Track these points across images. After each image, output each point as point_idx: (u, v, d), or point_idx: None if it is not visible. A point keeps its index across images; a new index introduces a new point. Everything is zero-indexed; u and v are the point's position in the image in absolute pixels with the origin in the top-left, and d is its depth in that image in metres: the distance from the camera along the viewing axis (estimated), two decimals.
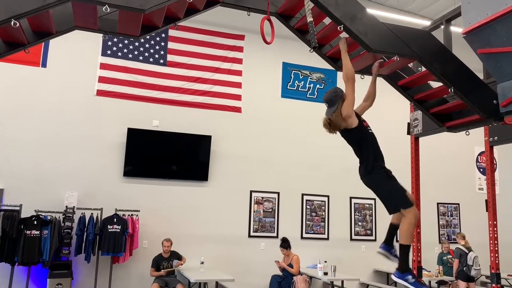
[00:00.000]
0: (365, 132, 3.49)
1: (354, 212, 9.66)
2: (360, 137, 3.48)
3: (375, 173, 3.39)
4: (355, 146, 3.55)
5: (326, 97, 3.52)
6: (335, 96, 3.46)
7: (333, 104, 3.44)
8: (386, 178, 3.37)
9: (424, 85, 4.30)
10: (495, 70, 3.78)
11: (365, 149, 3.46)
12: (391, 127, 9.81)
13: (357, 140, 3.50)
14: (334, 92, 3.49)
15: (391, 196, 3.36)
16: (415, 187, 4.94)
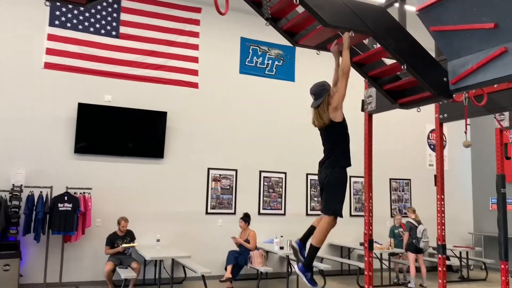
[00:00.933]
0: (346, 129, 3.62)
1: (310, 188, 9.81)
2: (340, 132, 3.58)
3: (338, 171, 3.50)
4: (331, 140, 3.60)
5: (314, 90, 3.61)
6: (322, 89, 3.57)
7: (320, 97, 3.55)
8: (343, 182, 3.52)
9: (378, 62, 4.31)
10: (446, 48, 3.84)
11: (340, 145, 3.56)
12: (346, 103, 9.95)
13: (337, 134, 3.57)
14: (322, 86, 3.59)
15: (336, 201, 3.46)
16: (367, 162, 5.03)
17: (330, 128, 3.55)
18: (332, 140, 3.58)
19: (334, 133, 3.57)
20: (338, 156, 3.52)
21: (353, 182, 10.14)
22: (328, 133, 3.60)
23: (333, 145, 3.56)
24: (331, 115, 3.51)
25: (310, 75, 9.90)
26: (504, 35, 3.35)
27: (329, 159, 3.54)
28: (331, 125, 3.53)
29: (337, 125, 3.54)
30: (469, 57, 3.68)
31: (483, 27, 3.42)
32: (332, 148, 3.56)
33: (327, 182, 3.50)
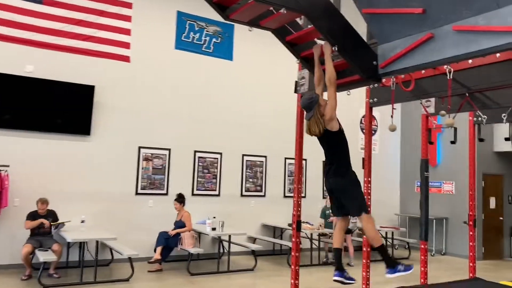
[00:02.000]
0: (344, 135, 3.71)
1: (245, 169, 9.76)
2: (340, 140, 3.68)
3: (348, 177, 3.64)
4: (332, 148, 3.69)
5: (304, 104, 3.69)
6: (311, 102, 3.63)
7: (310, 109, 3.62)
8: (356, 182, 3.66)
9: (311, 42, 4.24)
10: (377, 31, 3.83)
11: (342, 153, 3.67)
12: (281, 84, 9.95)
13: (337, 142, 3.68)
14: (310, 98, 3.65)
15: (359, 200, 3.63)
16: (298, 145, 4.99)
17: (329, 137, 3.65)
18: (334, 149, 3.69)
19: (334, 142, 3.68)
20: (342, 162, 3.65)
21: (288, 164, 10.22)
22: (329, 142, 3.70)
23: (336, 153, 3.67)
24: (328, 126, 3.60)
25: (249, 54, 9.84)
26: (431, 20, 3.37)
27: (335, 167, 3.64)
28: (330, 134, 3.63)
29: (335, 134, 3.64)
30: (398, 41, 3.69)
31: (412, 11, 3.43)
32: (335, 156, 3.67)
33: (343, 189, 3.62)
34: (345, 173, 3.64)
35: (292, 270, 4.83)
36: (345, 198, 3.64)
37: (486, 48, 3.07)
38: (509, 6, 2.91)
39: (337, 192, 3.69)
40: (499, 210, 10.52)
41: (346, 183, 3.62)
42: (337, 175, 3.64)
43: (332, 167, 3.67)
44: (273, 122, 9.88)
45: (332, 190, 3.73)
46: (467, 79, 4.30)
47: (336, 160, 3.66)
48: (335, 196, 3.73)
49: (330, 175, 3.68)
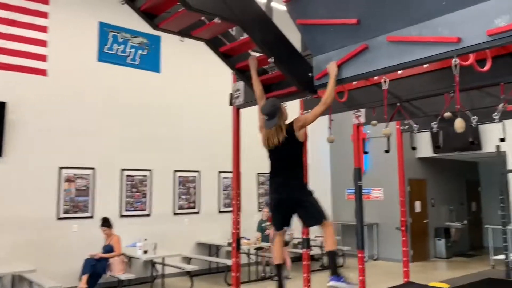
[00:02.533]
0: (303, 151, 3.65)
1: (178, 185, 9.39)
2: (301, 152, 3.59)
3: (305, 188, 3.60)
4: (291, 159, 3.54)
5: (267, 109, 3.54)
6: (275, 108, 3.52)
7: (274, 116, 3.50)
8: (311, 192, 3.57)
9: (246, 54, 4.11)
10: (312, 42, 3.79)
11: (300, 165, 3.58)
12: (213, 96, 9.75)
13: (298, 153, 3.56)
14: (274, 105, 3.53)
15: (319, 208, 3.51)
16: (235, 159, 4.82)
17: (291, 147, 3.51)
18: (293, 159, 3.54)
19: (296, 152, 3.55)
20: (300, 174, 3.58)
21: (222, 178, 10.00)
22: (288, 152, 3.52)
23: (295, 164, 3.54)
24: (296, 132, 3.49)
25: (178, 66, 9.53)
26: (365, 31, 3.37)
27: (292, 179, 3.50)
28: (294, 144, 3.51)
29: (300, 144, 3.55)
30: (333, 52, 3.66)
31: (346, 22, 3.41)
32: (293, 167, 3.53)
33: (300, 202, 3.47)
34: (303, 186, 3.61)
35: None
36: (303, 210, 3.49)
37: (419, 58, 3.11)
38: (439, 17, 2.97)
39: (291, 206, 3.50)
40: (424, 213, 11.09)
41: (304, 195, 3.51)
42: (294, 188, 3.49)
43: (289, 180, 3.48)
44: (205, 135, 9.63)
45: (282, 204, 3.52)
46: (398, 89, 4.39)
47: (293, 172, 3.50)
48: (283, 210, 3.54)
49: (284, 188, 3.47)
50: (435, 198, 11.53)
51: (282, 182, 3.48)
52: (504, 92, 4.14)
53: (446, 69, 3.97)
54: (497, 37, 2.69)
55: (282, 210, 3.56)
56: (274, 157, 3.59)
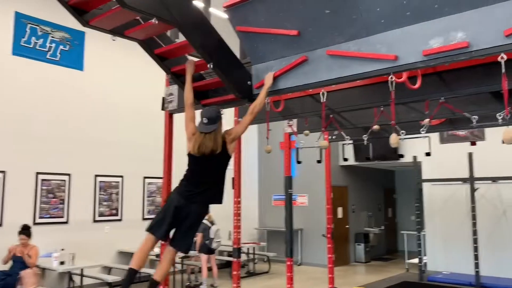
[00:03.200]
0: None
1: (99, 191, 8.86)
2: (226, 166, 3.41)
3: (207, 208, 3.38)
4: (216, 173, 3.35)
5: (210, 113, 3.34)
6: (218, 115, 3.36)
7: (215, 122, 3.31)
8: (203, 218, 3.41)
9: (182, 57, 3.95)
10: (251, 50, 3.73)
11: (223, 181, 3.39)
12: (140, 99, 9.39)
13: (223, 168, 3.38)
14: (218, 112, 3.40)
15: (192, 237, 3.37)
16: (167, 163, 4.62)
17: (221, 159, 3.33)
18: (217, 174, 3.35)
19: (222, 166, 3.36)
20: (219, 194, 3.36)
21: (147, 183, 9.61)
22: (214, 165, 3.33)
23: (217, 179, 3.35)
24: (228, 145, 3.33)
25: (104, 66, 9.03)
26: (306, 43, 3.38)
27: (207, 194, 3.29)
28: (224, 157, 3.33)
29: (228, 159, 3.37)
30: (273, 62, 3.63)
31: (287, 33, 3.40)
32: (214, 183, 3.33)
33: (194, 218, 3.26)
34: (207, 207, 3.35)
35: None
36: (190, 227, 3.24)
37: (357, 73, 3.17)
38: (377, 34, 3.06)
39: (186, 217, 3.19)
40: (345, 219, 11.54)
41: (203, 213, 3.33)
42: (207, 202, 3.32)
43: (208, 191, 3.29)
44: (130, 139, 9.21)
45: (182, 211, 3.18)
46: (331, 101, 4.46)
47: (215, 185, 3.33)
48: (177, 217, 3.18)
49: (198, 198, 3.23)
50: (355, 204, 12.05)
51: (199, 192, 3.23)
52: (428, 108, 4.40)
53: (377, 84, 4.13)
54: (431, 57, 2.81)
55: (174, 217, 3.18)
56: (199, 165, 3.31)
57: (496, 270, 8.48)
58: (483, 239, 8.43)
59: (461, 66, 3.51)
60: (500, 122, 3.91)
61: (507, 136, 2.73)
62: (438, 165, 8.94)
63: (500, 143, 4.77)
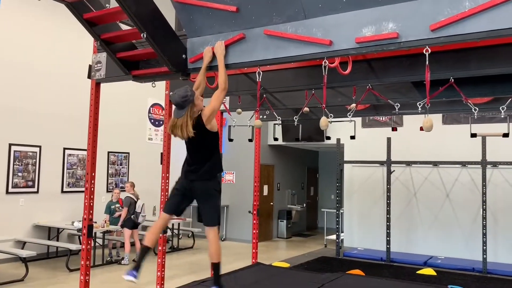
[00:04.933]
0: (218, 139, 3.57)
1: (13, 161, 8.25)
2: (215, 142, 3.51)
3: (215, 181, 3.48)
4: (205, 149, 3.45)
5: (176, 101, 3.32)
6: (185, 100, 3.29)
7: (183, 108, 3.30)
8: (219, 191, 3.50)
9: (113, 24, 3.76)
10: (188, 23, 3.64)
11: (214, 156, 3.49)
12: (62, 63, 8.84)
13: (211, 143, 3.48)
14: (185, 96, 3.30)
15: (216, 211, 3.46)
16: (92, 138, 4.41)
17: (203, 138, 3.38)
18: (207, 150, 3.46)
19: (209, 142, 3.46)
20: (215, 165, 3.50)
21: (67, 155, 9.12)
22: (201, 143, 3.42)
23: (209, 154, 3.47)
24: (207, 126, 3.37)
25: (22, 22, 8.29)
26: (244, 21, 3.37)
27: (204, 168, 3.41)
28: (205, 134, 3.38)
29: (212, 135, 3.44)
30: (210, 37, 3.59)
31: (226, 8, 3.35)
32: (207, 158, 3.45)
33: (206, 194, 3.42)
34: (214, 177, 3.49)
35: (82, 281, 4.25)
36: (204, 203, 3.44)
37: (294, 55, 3.23)
38: (314, 18, 3.12)
39: (196, 195, 3.46)
40: (270, 196, 11.85)
41: (211, 188, 3.44)
42: (204, 177, 3.42)
43: (201, 168, 3.42)
44: (49, 106, 8.63)
45: (185, 189, 3.47)
46: (265, 81, 4.50)
47: (207, 162, 3.43)
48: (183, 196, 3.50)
49: (194, 176, 3.43)
50: (280, 182, 12.40)
51: (191, 170, 3.43)
52: (355, 94, 4.60)
53: (309, 67, 4.24)
54: (363, 45, 2.93)
55: (182, 195, 3.50)
56: (189, 146, 3.50)
57: (405, 247, 9.25)
58: (394, 218, 9.12)
59: (388, 55, 3.70)
60: (419, 111, 4.20)
61: (427, 124, 2.95)
62: (359, 148, 9.44)
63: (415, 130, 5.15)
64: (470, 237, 8.61)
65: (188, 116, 3.29)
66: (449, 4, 2.63)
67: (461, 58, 3.48)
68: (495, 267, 7.85)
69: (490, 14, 2.52)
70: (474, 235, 8.43)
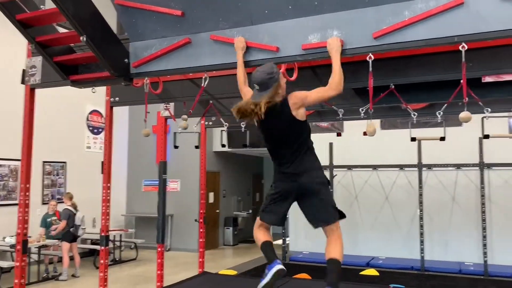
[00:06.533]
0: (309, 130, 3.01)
1: None
2: (306, 132, 2.95)
3: (320, 172, 2.96)
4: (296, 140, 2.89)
5: (260, 78, 2.80)
6: (270, 78, 2.79)
7: (267, 88, 2.79)
8: (328, 182, 3.01)
9: (50, 26, 3.55)
10: (130, 26, 3.51)
11: (310, 144, 2.96)
12: (6, 71, 8.31)
13: (301, 134, 2.91)
14: (270, 73, 2.80)
15: (333, 203, 2.96)
16: (27, 147, 4.14)
17: (288, 126, 2.86)
18: (297, 140, 2.89)
19: (298, 132, 2.90)
20: (313, 156, 2.97)
21: None
22: (286, 133, 2.88)
23: (302, 145, 2.91)
24: (297, 112, 2.84)
25: None
26: (190, 25, 3.30)
27: (303, 162, 2.88)
28: (295, 124, 2.86)
29: (304, 124, 2.92)
30: (153, 41, 3.48)
31: (171, 12, 3.28)
32: (300, 149, 2.90)
33: (314, 189, 2.87)
34: (319, 168, 2.96)
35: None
36: (316, 199, 2.89)
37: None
38: (261, 24, 3.12)
39: (302, 194, 2.91)
40: (216, 203, 11.74)
41: (320, 180, 2.90)
42: (307, 171, 2.87)
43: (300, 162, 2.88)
44: None
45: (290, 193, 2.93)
46: (211, 86, 4.44)
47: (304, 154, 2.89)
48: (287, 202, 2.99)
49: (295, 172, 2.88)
50: (226, 189, 12.34)
51: (290, 168, 2.89)
52: None
53: None
54: (310, 52, 2.98)
55: (283, 201, 2.99)
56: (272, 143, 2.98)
57: (348, 248, 9.46)
58: None
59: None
60: (362, 116, 4.33)
61: (370, 129, 3.04)
62: None
63: (356, 135, 5.29)
64: (408, 237, 9.01)
65: (276, 93, 2.78)
66: (390, 13, 2.73)
67: (401, 65, 3.62)
68: (432, 264, 8.26)
69: (428, 23, 2.64)
70: (412, 235, 8.83)
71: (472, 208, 8.49)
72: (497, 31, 2.50)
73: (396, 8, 2.72)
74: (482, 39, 2.60)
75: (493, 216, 8.33)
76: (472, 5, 2.53)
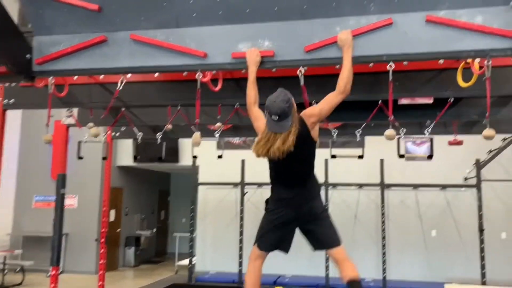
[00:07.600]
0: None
1: None
2: (314, 154, 2.79)
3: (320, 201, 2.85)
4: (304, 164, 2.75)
5: (281, 109, 2.49)
6: (289, 106, 2.53)
7: (287, 116, 2.53)
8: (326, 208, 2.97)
9: None
10: (36, 18, 3.10)
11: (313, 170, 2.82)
12: None
13: (311, 158, 2.78)
14: (288, 101, 2.53)
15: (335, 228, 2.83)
16: None
17: (305, 151, 2.69)
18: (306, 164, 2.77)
19: (309, 155, 2.75)
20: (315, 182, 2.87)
21: None
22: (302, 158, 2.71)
23: (309, 169, 2.79)
24: (313, 132, 2.67)
25: None
26: (106, 22, 3.01)
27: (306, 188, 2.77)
28: (309, 146, 2.70)
29: (314, 145, 2.74)
30: (63, 37, 3.11)
31: (86, 6, 2.95)
32: (307, 174, 2.79)
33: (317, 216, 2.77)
34: (319, 194, 2.86)
35: None
36: (320, 225, 2.80)
37: (164, 65, 2.99)
38: (188, 28, 2.93)
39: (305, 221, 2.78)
40: (118, 222, 10.96)
41: (321, 207, 2.84)
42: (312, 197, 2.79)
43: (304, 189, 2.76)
44: None
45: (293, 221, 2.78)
46: (124, 93, 4.09)
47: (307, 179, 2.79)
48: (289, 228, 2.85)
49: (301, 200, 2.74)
50: (129, 207, 11.62)
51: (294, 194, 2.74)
52: (221, 113, 4.50)
53: (175, 82, 3.99)
54: (239, 61, 2.84)
55: (289, 228, 2.84)
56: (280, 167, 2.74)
57: None
58: (247, 240, 9.23)
59: (260, 75, 3.68)
60: None
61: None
62: (213, 169, 9.39)
63: None
64: (313, 254, 9.12)
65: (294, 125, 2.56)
66: (323, 28, 2.71)
67: (324, 83, 3.64)
68: (336, 281, 8.48)
69: (358, 40, 2.66)
70: (317, 253, 9.00)
71: (373, 226, 8.95)
72: (423, 53, 2.59)
73: (328, 23, 2.71)
74: (409, 60, 2.69)
75: (391, 233, 8.85)
76: (400, 26, 2.60)
